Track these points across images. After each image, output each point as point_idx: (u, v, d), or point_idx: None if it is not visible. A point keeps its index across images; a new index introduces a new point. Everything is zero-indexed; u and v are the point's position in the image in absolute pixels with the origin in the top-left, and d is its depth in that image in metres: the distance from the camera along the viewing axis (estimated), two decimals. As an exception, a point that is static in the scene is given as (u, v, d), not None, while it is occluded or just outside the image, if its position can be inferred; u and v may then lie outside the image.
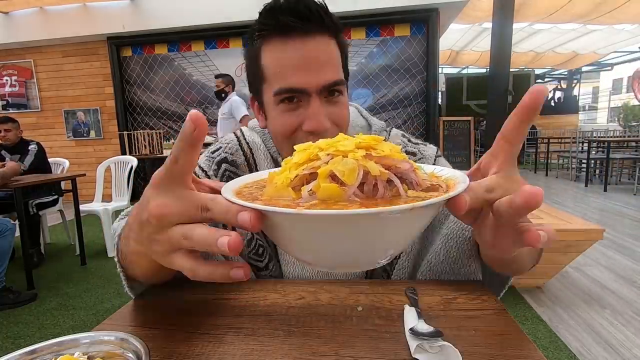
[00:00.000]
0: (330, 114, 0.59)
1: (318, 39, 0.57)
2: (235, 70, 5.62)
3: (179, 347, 0.45)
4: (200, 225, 0.31)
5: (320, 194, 0.28)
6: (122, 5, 5.38)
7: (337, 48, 0.60)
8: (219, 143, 0.76)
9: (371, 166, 0.28)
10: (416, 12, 5.04)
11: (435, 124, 5.37)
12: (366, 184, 0.29)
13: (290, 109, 0.59)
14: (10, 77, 6.17)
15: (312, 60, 0.57)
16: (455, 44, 8.42)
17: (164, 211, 0.32)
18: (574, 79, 11.98)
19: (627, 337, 1.82)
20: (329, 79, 0.58)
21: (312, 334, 0.47)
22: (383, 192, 0.29)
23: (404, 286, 0.59)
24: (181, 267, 0.33)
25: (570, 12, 5.81)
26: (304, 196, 0.28)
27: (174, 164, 0.31)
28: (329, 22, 0.57)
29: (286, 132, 0.60)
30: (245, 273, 0.31)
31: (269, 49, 0.58)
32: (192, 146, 0.30)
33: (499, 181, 0.33)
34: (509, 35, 2.60)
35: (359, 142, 0.31)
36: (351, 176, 0.28)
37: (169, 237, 0.32)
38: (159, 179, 0.33)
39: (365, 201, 0.28)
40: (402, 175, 0.30)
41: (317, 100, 0.58)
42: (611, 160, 5.69)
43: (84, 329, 2.04)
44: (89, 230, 3.69)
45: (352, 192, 0.28)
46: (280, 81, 0.58)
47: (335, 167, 0.28)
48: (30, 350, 0.39)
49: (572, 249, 2.20)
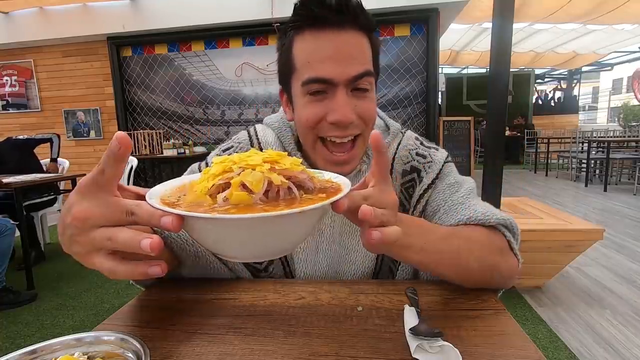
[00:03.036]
0: (357, 107, 0.60)
1: (350, 33, 0.58)
2: (235, 70, 5.62)
3: (179, 347, 0.45)
4: (124, 229, 0.35)
5: (232, 200, 0.34)
6: (122, 5, 5.38)
7: (369, 45, 0.61)
8: (232, 141, 0.77)
9: (274, 177, 0.35)
10: (416, 12, 5.04)
11: (435, 124, 5.37)
12: (270, 191, 0.35)
13: (316, 99, 0.60)
14: (10, 77, 6.17)
15: (342, 52, 0.57)
16: (455, 44, 8.41)
17: (87, 215, 0.35)
18: (574, 79, 11.97)
19: (627, 337, 1.82)
20: (358, 70, 0.58)
21: (312, 334, 0.47)
22: (283, 197, 0.36)
23: (404, 286, 0.59)
24: (100, 266, 0.36)
25: (570, 12, 5.81)
26: (219, 202, 0.34)
27: (100, 175, 0.34)
28: (363, 18, 0.58)
29: (310, 122, 0.61)
30: (162, 269, 0.35)
31: (301, 40, 0.59)
32: (117, 161, 0.34)
33: (373, 192, 0.42)
34: (509, 35, 2.60)
35: (266, 157, 0.38)
36: (258, 185, 0.34)
37: (91, 239, 0.35)
38: (85, 187, 0.35)
39: (268, 205, 0.34)
40: (301, 183, 0.38)
41: (344, 91, 0.58)
42: (611, 160, 5.69)
43: (84, 329, 2.04)
44: (89, 230, 3.69)
45: (258, 198, 0.34)
46: (309, 71, 0.58)
47: (245, 178, 0.35)
48: (31, 350, 0.39)
49: (572, 249, 2.20)
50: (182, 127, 5.96)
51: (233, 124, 5.82)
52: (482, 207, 0.63)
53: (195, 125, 5.94)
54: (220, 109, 5.82)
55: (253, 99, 5.71)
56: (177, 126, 5.96)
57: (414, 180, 0.72)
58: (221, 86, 5.75)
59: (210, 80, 5.75)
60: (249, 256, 0.39)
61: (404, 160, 0.72)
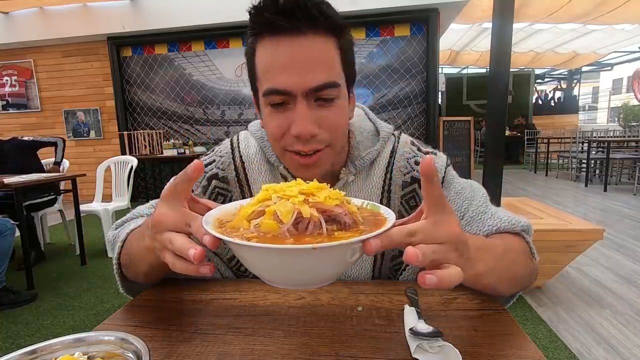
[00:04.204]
0: (320, 119, 0.56)
1: (310, 38, 0.53)
2: (235, 70, 5.62)
3: (179, 347, 0.45)
4: (182, 236, 0.41)
5: (262, 228, 0.36)
6: (122, 5, 5.38)
7: (337, 48, 0.56)
8: (214, 154, 0.74)
9: (304, 209, 0.35)
10: (416, 12, 5.04)
11: (435, 124, 5.37)
12: (301, 223, 0.36)
13: (278, 111, 0.57)
14: (10, 77, 6.17)
15: (299, 61, 0.53)
16: (455, 44, 8.41)
17: (161, 219, 0.42)
18: (574, 79, 11.97)
19: (627, 337, 1.82)
20: (318, 81, 0.54)
21: (312, 334, 0.47)
22: (312, 230, 0.35)
23: (404, 286, 0.59)
24: (166, 260, 0.42)
25: (570, 12, 5.81)
26: (251, 229, 0.36)
27: (174, 187, 0.43)
28: (324, 20, 0.53)
29: (275, 135, 0.58)
30: (210, 270, 0.40)
31: (261, 46, 0.56)
32: (188, 181, 0.42)
33: (423, 226, 0.37)
34: (509, 35, 2.60)
35: (304, 188, 0.38)
36: (287, 216, 0.35)
37: (162, 239, 0.42)
38: (165, 195, 0.44)
39: (296, 236, 0.35)
40: (336, 217, 0.37)
41: (304, 103, 0.55)
42: (611, 161, 5.69)
43: (84, 329, 2.03)
44: (89, 231, 3.69)
45: (285, 229, 0.35)
46: (268, 82, 0.55)
47: (277, 207, 0.36)
48: (31, 350, 0.39)
49: (572, 249, 2.20)
50: (182, 127, 5.96)
51: (233, 124, 5.82)
52: (504, 214, 0.64)
53: (195, 125, 5.94)
54: (220, 109, 5.82)
55: (253, 99, 5.71)
56: (177, 126, 5.96)
57: (415, 191, 0.70)
58: (221, 86, 5.75)
59: (210, 80, 5.75)
60: (281, 283, 0.39)
61: (403, 171, 0.70)
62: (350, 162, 0.68)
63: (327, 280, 0.38)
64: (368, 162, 0.69)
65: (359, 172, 0.69)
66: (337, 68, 0.57)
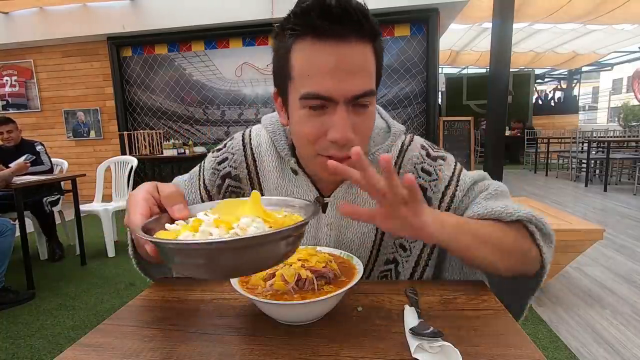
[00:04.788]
0: (355, 125, 0.56)
1: (354, 45, 0.53)
2: (235, 70, 5.62)
3: (179, 347, 0.45)
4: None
5: (274, 286, 0.51)
6: (122, 5, 5.38)
7: (373, 54, 0.57)
8: (227, 151, 0.75)
9: (302, 272, 0.51)
10: (416, 12, 5.04)
11: (435, 124, 5.37)
12: (300, 281, 0.51)
13: (315, 114, 0.56)
14: (10, 77, 6.17)
15: (345, 67, 0.53)
16: (455, 44, 8.41)
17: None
18: (574, 79, 11.96)
19: (627, 337, 1.82)
20: (360, 89, 0.54)
21: (312, 334, 0.47)
22: (308, 287, 0.50)
23: (404, 286, 0.59)
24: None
25: (570, 12, 5.81)
26: (266, 287, 0.51)
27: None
28: (368, 26, 0.53)
29: (310, 138, 0.58)
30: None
31: (300, 47, 0.54)
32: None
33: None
34: (509, 35, 2.60)
35: (300, 256, 0.55)
36: (291, 278, 0.51)
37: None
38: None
39: (298, 292, 0.50)
40: (324, 274, 0.52)
41: (344, 109, 0.55)
42: (611, 161, 5.69)
43: (84, 329, 2.04)
44: (89, 231, 3.69)
45: (291, 287, 0.50)
46: (308, 86, 0.55)
47: (283, 271, 0.51)
48: None
49: (572, 249, 2.19)
50: (182, 127, 5.96)
51: (233, 124, 5.82)
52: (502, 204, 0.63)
53: (195, 125, 5.93)
54: (220, 109, 5.82)
55: (253, 99, 5.71)
56: (177, 126, 5.96)
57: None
58: (221, 86, 5.75)
59: (210, 80, 5.75)
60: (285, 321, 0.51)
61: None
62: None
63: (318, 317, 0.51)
64: (378, 158, 0.69)
65: None
66: (373, 75, 0.58)
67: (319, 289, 0.50)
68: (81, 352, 0.45)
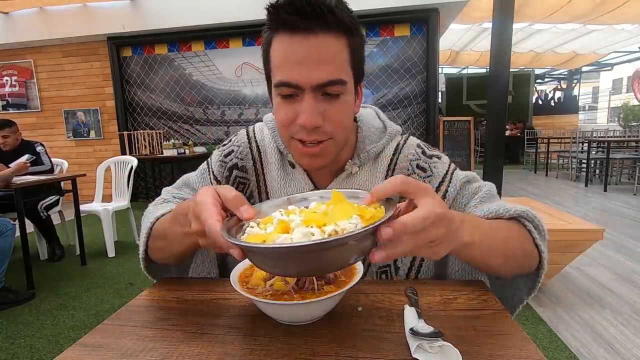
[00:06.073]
0: (326, 112, 0.60)
1: (321, 37, 0.57)
2: (235, 70, 5.62)
3: (179, 347, 0.45)
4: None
5: (275, 286, 0.51)
6: (122, 5, 5.38)
7: (346, 47, 0.60)
8: (232, 145, 0.79)
9: None
10: (416, 12, 5.04)
11: (435, 124, 5.37)
12: (300, 281, 0.51)
13: (287, 102, 0.61)
14: (10, 77, 6.17)
15: (312, 58, 0.57)
16: (455, 44, 8.42)
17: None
18: (574, 79, 11.96)
19: (627, 337, 1.82)
20: (325, 78, 0.58)
21: (312, 334, 0.47)
22: (308, 287, 0.50)
23: (404, 286, 0.59)
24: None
25: (570, 12, 5.81)
26: (266, 287, 0.51)
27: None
28: (335, 21, 0.57)
29: (283, 123, 0.63)
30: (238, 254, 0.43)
31: (277, 41, 0.60)
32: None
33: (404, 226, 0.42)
34: (509, 35, 2.60)
35: None
36: (290, 278, 0.50)
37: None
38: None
39: (298, 292, 0.50)
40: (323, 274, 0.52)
41: (312, 97, 0.59)
42: (611, 160, 5.69)
43: (84, 329, 2.04)
44: (89, 231, 3.69)
45: (291, 287, 0.50)
46: (280, 74, 0.60)
47: None
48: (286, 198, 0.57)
49: (572, 249, 2.19)
50: (182, 127, 5.96)
51: (233, 124, 5.82)
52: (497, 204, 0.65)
53: (195, 125, 5.94)
54: (220, 109, 5.82)
55: (253, 99, 5.71)
56: (177, 126, 5.96)
57: None
58: (221, 86, 5.75)
59: (210, 80, 5.75)
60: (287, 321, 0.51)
61: (404, 172, 0.72)
62: (356, 155, 0.72)
63: (318, 317, 0.51)
64: (372, 155, 0.73)
65: (363, 164, 0.73)
66: (344, 66, 0.61)
67: (319, 289, 0.50)
68: (81, 352, 0.45)
